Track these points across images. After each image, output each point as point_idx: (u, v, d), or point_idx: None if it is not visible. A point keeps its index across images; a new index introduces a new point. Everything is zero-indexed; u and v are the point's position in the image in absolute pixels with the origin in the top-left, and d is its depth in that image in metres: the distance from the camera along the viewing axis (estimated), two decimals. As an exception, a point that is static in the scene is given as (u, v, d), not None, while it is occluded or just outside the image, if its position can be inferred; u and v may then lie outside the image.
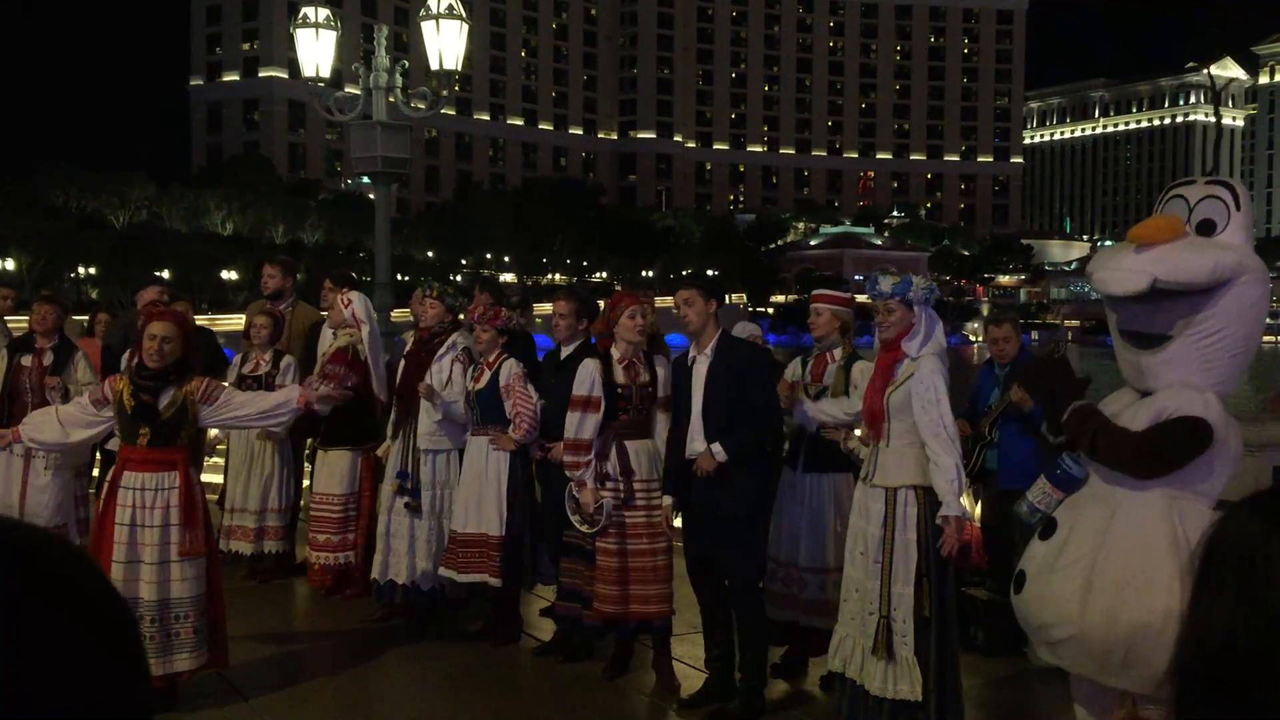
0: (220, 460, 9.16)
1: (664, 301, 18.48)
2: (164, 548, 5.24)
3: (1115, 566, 3.66)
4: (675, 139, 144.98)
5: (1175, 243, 3.70)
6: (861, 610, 4.86)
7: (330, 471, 7.38)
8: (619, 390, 5.72)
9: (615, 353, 5.77)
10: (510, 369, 6.37)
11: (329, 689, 5.86)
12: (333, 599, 7.37)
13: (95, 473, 9.79)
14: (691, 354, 5.45)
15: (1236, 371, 3.81)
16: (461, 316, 7.13)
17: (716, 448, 5.24)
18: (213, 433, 8.98)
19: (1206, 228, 3.78)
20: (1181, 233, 3.74)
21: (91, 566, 0.87)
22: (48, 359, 7.42)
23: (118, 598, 0.87)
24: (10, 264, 61.29)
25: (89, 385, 7.32)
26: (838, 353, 5.87)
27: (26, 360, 7.41)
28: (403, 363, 6.96)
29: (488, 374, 6.43)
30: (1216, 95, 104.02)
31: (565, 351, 6.38)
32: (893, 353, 4.85)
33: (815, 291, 6.23)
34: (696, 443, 5.36)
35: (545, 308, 11.37)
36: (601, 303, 6.51)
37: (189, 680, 5.44)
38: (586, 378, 5.70)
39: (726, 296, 75.99)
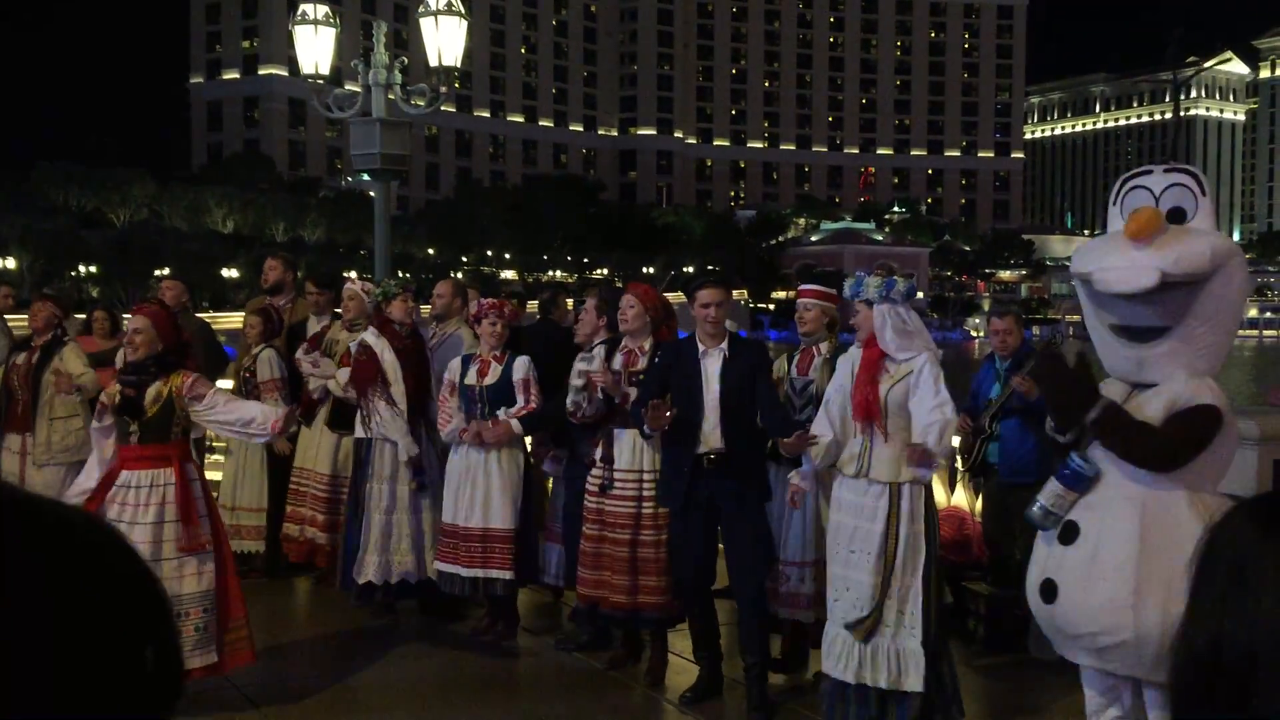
0: (220, 457, 9.15)
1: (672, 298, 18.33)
2: (157, 545, 5.16)
3: (1160, 569, 3.64)
4: (676, 135, 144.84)
5: (1169, 234, 3.69)
6: (857, 609, 4.85)
7: (329, 451, 7.34)
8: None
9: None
10: (528, 366, 6.36)
11: (329, 683, 5.85)
12: (321, 590, 7.36)
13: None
14: (701, 348, 5.43)
15: (1223, 355, 3.84)
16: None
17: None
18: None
19: (1178, 216, 3.78)
20: (1164, 224, 3.73)
21: (126, 548, 0.86)
22: (37, 356, 7.40)
23: (152, 579, 0.86)
24: (11, 263, 61.29)
25: (81, 375, 7.32)
26: (824, 347, 5.90)
27: (20, 359, 7.42)
28: (398, 361, 6.87)
29: (496, 368, 6.38)
30: (1177, 92, 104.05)
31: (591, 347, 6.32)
32: (874, 350, 4.87)
33: (803, 287, 6.19)
34: (713, 438, 5.32)
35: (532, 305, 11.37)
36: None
37: (194, 681, 5.39)
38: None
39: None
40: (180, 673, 0.87)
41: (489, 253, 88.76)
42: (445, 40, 9.89)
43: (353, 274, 7.86)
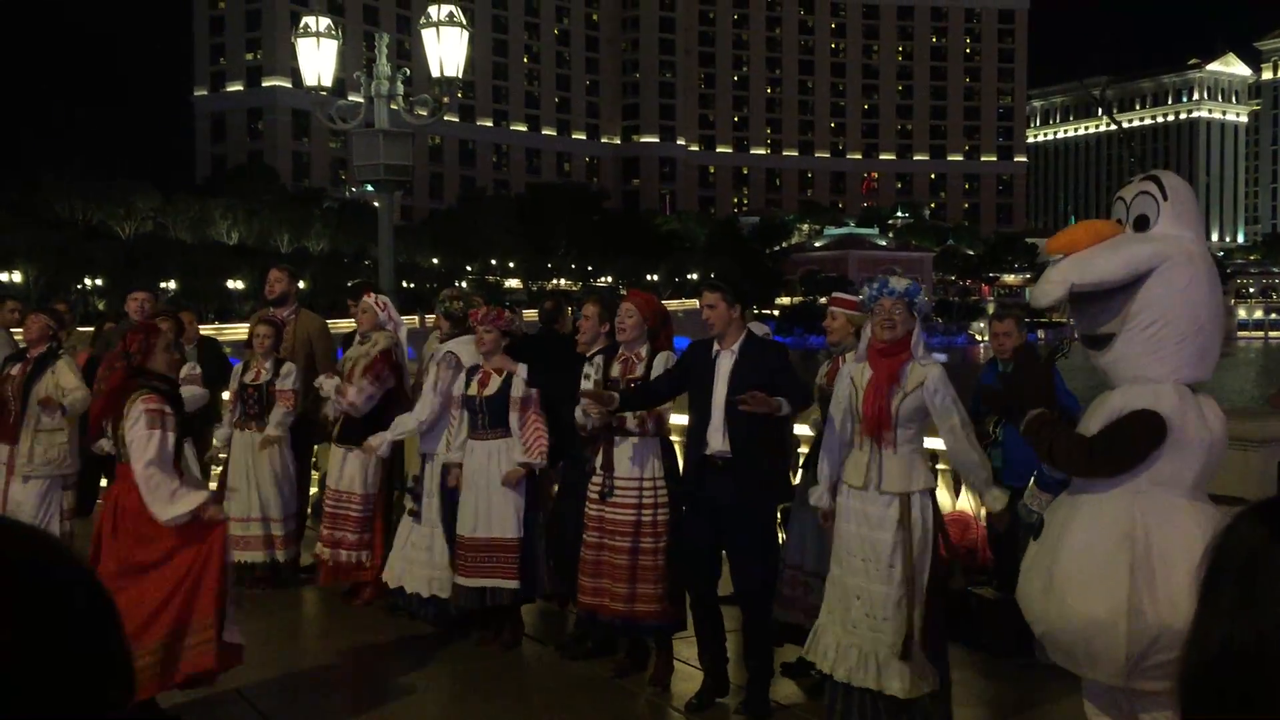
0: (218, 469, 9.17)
1: (670, 304, 18.44)
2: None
3: (1068, 564, 3.74)
4: (678, 142, 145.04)
5: (1093, 246, 3.78)
6: (870, 618, 4.83)
7: (350, 469, 7.37)
8: (606, 383, 5.85)
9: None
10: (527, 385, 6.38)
11: (337, 695, 5.88)
12: (346, 604, 7.38)
13: (104, 482, 9.79)
14: (715, 348, 5.43)
15: (1192, 357, 3.77)
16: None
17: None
18: (215, 442, 9.05)
19: (1141, 223, 3.85)
20: (1111, 235, 3.81)
21: (63, 554, 0.89)
22: (31, 368, 7.41)
23: (95, 585, 0.89)
24: (17, 276, 61.47)
25: (74, 391, 7.26)
26: (849, 356, 5.88)
27: (14, 370, 7.43)
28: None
29: (496, 380, 6.40)
30: (1109, 106, 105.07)
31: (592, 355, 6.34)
32: (895, 358, 4.81)
33: (832, 295, 6.26)
34: (715, 439, 5.31)
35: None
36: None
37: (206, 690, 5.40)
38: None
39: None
40: (128, 672, 0.90)
41: (493, 261, 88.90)
42: (447, 51, 9.94)
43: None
